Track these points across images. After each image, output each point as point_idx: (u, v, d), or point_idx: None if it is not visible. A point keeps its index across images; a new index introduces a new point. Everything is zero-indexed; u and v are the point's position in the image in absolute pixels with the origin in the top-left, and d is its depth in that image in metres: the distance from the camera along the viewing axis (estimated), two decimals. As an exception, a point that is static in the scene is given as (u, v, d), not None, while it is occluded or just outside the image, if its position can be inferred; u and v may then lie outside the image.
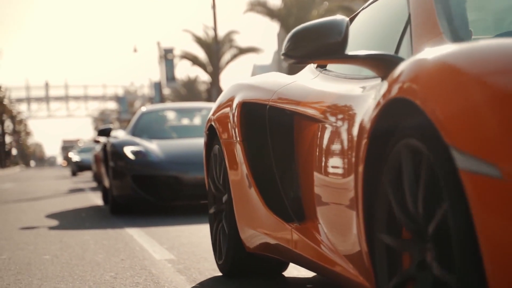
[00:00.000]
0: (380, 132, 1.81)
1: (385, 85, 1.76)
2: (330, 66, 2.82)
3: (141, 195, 7.03)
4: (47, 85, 64.37)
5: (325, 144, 2.33)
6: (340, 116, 2.26)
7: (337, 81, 2.57)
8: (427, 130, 1.55)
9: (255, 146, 2.92)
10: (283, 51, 2.20)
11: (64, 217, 7.42)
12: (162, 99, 41.91)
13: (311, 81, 2.77)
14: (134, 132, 8.14)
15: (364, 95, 2.12)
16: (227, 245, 3.17)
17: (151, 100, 49.90)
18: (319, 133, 2.40)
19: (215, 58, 25.97)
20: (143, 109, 8.98)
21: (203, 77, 55.90)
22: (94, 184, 16.07)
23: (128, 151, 7.27)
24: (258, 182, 2.85)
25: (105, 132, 8.21)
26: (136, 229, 5.78)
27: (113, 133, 8.17)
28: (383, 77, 2.07)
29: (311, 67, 2.97)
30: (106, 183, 8.29)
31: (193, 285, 3.19)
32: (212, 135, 3.39)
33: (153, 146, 7.40)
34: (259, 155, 2.88)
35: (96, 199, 10.50)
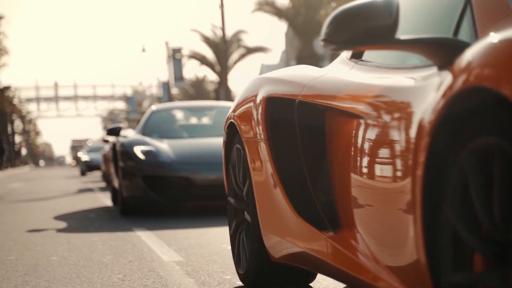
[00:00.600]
0: (445, 129, 1.57)
1: (449, 75, 1.54)
2: (367, 56, 2.49)
3: (152, 196, 6.77)
4: (56, 85, 64.60)
5: (367, 143, 2.02)
6: (387, 111, 1.96)
7: (379, 72, 2.24)
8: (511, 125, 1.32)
9: (282, 145, 2.61)
10: (322, 36, 1.93)
11: (72, 217, 7.40)
12: (170, 98, 41.95)
13: (347, 73, 2.43)
14: (144, 132, 7.87)
15: (418, 86, 1.85)
16: (249, 253, 2.86)
17: (160, 100, 49.94)
18: (359, 131, 2.09)
19: (223, 57, 25.99)
20: (153, 108, 8.71)
21: (211, 76, 55.94)
22: (103, 184, 16.06)
23: (138, 151, 7.02)
24: (286, 185, 2.54)
25: (114, 131, 7.93)
26: (143, 230, 5.74)
27: (122, 132, 7.90)
28: (442, 66, 1.79)
29: (343, 58, 2.66)
30: (116, 183, 8.07)
31: (202, 288, 3.15)
32: (232, 133, 3.08)
33: (163, 146, 7.14)
34: (287, 155, 2.57)
35: (105, 199, 10.48)
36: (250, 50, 37.17)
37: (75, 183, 18.42)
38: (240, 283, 3.19)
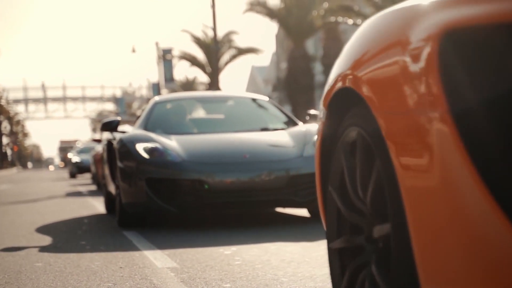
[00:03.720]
0: None
1: None
2: None
3: (157, 203, 5.53)
4: (43, 86, 64.09)
5: None
6: None
7: None
8: None
9: (493, 120, 1.25)
10: None
11: (60, 220, 7.10)
12: (160, 100, 41.59)
13: None
14: (146, 126, 6.58)
15: None
16: None
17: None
18: None
19: (214, 58, 25.72)
20: (157, 98, 7.30)
21: (202, 78, 55.69)
22: (93, 187, 15.60)
23: (140, 148, 5.76)
24: (501, 195, 1.21)
25: (110, 126, 6.54)
26: (133, 232, 5.46)
27: (120, 128, 6.64)
28: None
29: None
30: (111, 188, 6.83)
31: (200, 298, 2.88)
32: (343, 107, 1.83)
33: (171, 143, 5.88)
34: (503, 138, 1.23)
35: (94, 202, 10.18)
36: (241, 51, 36.92)
37: (63, 186, 18.07)
38: (241, 293, 2.93)
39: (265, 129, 6.54)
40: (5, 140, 60.07)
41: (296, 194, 5.55)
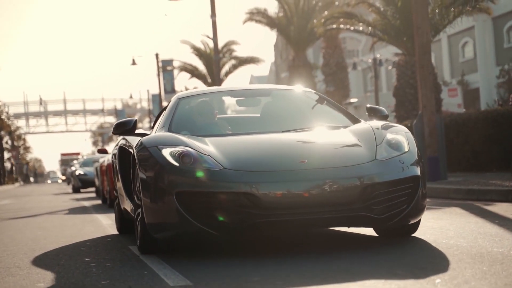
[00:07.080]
0: None
1: None
2: None
3: (193, 224, 4.22)
4: (41, 101, 63.92)
5: None
6: None
7: None
8: None
9: None
10: None
11: (62, 235, 6.83)
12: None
13: None
14: (170, 127, 5.21)
15: None
16: None
17: (151, 113, 49.41)
18: None
19: (214, 69, 25.50)
20: (180, 94, 5.86)
21: (202, 88, 55.48)
22: (98, 201, 15.01)
23: (167, 153, 4.46)
24: None
25: (126, 127, 5.30)
26: (142, 248, 5.19)
27: (138, 131, 5.46)
28: None
29: None
30: (126, 204, 5.63)
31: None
32: None
33: (207, 147, 4.57)
34: None
35: (100, 217, 9.90)
36: (242, 61, 36.74)
37: (65, 200, 17.80)
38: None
39: (320, 128, 5.13)
40: (6, 155, 59.89)
41: (371, 210, 4.24)
